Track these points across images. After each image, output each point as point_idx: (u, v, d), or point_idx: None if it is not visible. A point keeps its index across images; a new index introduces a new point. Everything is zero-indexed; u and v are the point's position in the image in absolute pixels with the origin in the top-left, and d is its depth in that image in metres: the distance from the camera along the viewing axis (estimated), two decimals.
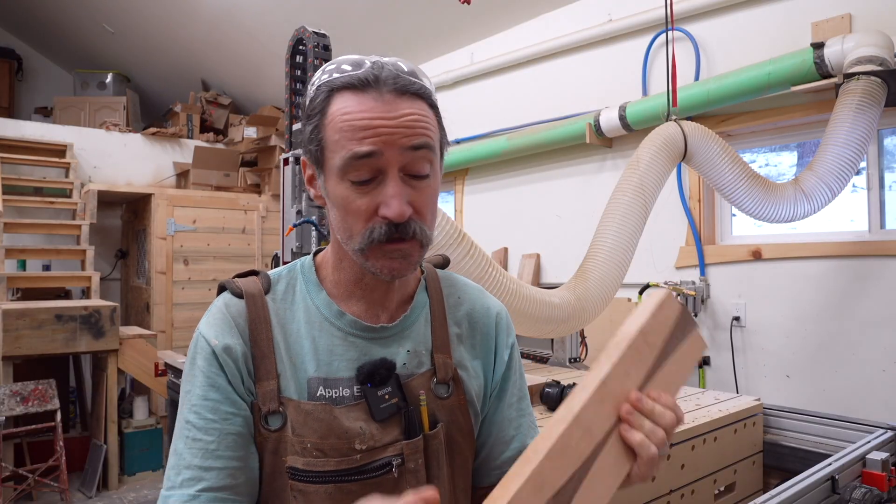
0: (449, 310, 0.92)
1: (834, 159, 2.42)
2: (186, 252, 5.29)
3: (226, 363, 0.80)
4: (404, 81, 0.77)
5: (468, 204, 4.63)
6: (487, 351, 0.94)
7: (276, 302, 0.85)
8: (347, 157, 0.75)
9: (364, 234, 0.77)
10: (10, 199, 4.81)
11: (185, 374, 0.83)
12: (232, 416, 0.79)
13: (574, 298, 2.36)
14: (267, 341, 0.82)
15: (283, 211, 2.79)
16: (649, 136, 2.60)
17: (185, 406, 0.80)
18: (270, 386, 0.80)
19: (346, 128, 0.75)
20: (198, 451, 0.78)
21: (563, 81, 3.96)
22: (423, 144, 0.77)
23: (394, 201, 0.75)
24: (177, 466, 0.78)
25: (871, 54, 2.43)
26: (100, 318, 3.93)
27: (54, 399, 3.82)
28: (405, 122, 0.76)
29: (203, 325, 0.84)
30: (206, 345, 0.81)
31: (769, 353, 3.00)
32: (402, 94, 0.77)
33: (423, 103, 0.79)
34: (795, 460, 2.13)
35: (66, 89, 6.83)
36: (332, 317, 0.85)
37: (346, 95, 0.77)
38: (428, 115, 0.79)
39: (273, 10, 4.80)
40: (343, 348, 0.84)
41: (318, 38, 2.75)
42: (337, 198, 0.79)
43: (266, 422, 0.80)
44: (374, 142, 0.74)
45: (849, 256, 2.74)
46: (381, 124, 0.75)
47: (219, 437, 0.78)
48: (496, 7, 4.10)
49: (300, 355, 0.83)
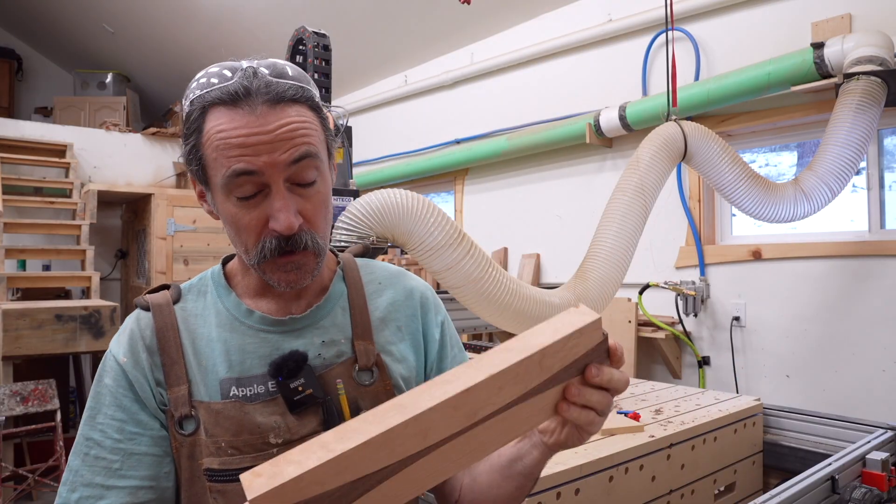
0: (369, 296, 0.92)
1: (834, 159, 2.42)
2: (186, 252, 5.28)
3: (135, 380, 0.80)
4: (278, 88, 0.74)
5: (468, 204, 4.63)
6: (414, 332, 0.93)
7: (185, 310, 0.85)
8: (227, 176, 0.74)
9: (257, 250, 0.77)
10: (10, 199, 4.80)
11: (91, 391, 0.82)
12: (137, 436, 0.79)
13: (574, 298, 2.36)
14: (176, 348, 0.82)
15: None
16: (649, 136, 2.60)
17: (88, 424, 0.79)
18: (181, 391, 0.80)
19: (222, 146, 0.73)
20: (100, 470, 0.77)
21: (563, 81, 3.96)
22: (305, 154, 0.75)
23: (281, 214, 0.74)
24: (72, 483, 0.77)
25: (871, 54, 2.43)
26: (100, 318, 3.93)
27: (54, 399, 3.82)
28: (282, 135, 0.73)
29: (113, 344, 0.84)
30: (115, 363, 0.81)
31: (769, 352, 3.00)
32: (276, 103, 0.74)
33: (301, 107, 0.76)
34: (795, 460, 2.13)
35: (66, 89, 6.83)
36: (241, 316, 0.85)
37: (219, 111, 0.74)
38: (307, 120, 0.76)
39: (273, 10, 4.80)
40: (255, 345, 0.83)
41: (318, 38, 2.75)
42: (226, 215, 0.78)
43: (181, 427, 0.79)
44: (252, 160, 0.72)
45: (849, 256, 2.74)
46: (257, 140, 0.72)
47: (123, 457, 0.77)
48: (496, 7, 4.10)
49: (210, 358, 0.82)
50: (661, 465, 1.76)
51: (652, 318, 3.20)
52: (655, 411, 2.06)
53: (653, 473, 1.74)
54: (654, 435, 1.77)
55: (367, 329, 0.88)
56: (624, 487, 1.64)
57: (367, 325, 0.89)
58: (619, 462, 1.63)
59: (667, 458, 1.78)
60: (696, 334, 3.26)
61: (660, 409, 2.09)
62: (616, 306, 3.28)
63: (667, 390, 2.41)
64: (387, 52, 4.95)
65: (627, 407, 2.10)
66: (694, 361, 3.24)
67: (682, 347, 3.31)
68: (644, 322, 3.28)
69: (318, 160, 0.77)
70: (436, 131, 4.73)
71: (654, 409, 2.09)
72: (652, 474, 1.74)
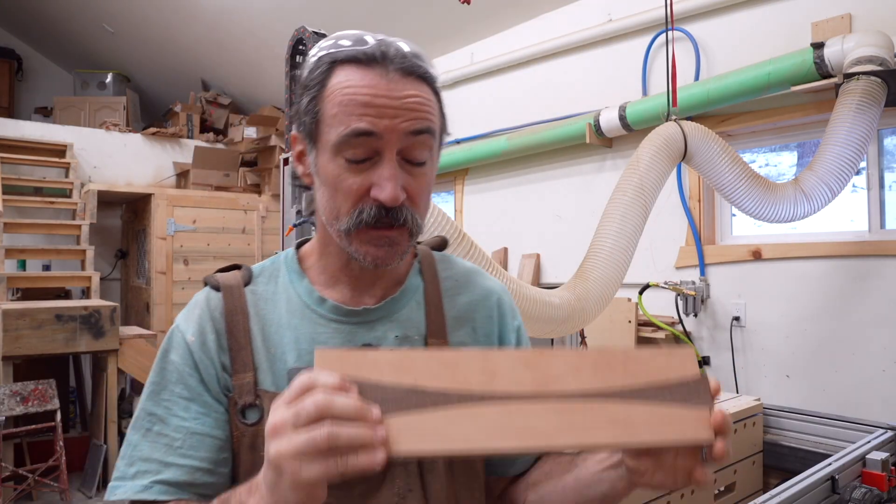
0: (445, 293, 0.88)
1: (834, 159, 2.42)
2: (186, 252, 5.28)
3: (201, 361, 0.78)
4: (412, 62, 0.74)
5: (468, 204, 4.63)
6: (489, 335, 0.89)
7: (256, 294, 0.82)
8: (345, 134, 0.71)
9: (352, 215, 0.74)
10: (10, 199, 4.80)
11: (155, 366, 0.79)
12: (202, 416, 0.76)
13: (574, 298, 2.36)
14: (244, 333, 0.79)
15: (283, 211, 2.79)
16: (649, 136, 2.60)
17: (152, 399, 0.77)
18: (247, 378, 0.77)
19: (347, 102, 0.71)
20: (160, 446, 0.74)
21: (563, 81, 3.96)
22: (425, 129, 0.73)
23: (388, 184, 0.72)
24: (130, 457, 0.75)
25: (871, 54, 2.43)
26: (100, 318, 3.93)
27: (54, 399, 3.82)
28: (409, 104, 0.72)
29: (180, 319, 0.81)
30: (182, 340, 0.79)
31: (769, 352, 3.00)
32: (407, 74, 0.73)
33: (427, 88, 0.75)
34: (795, 460, 2.13)
35: (66, 89, 6.82)
36: (313, 304, 0.81)
37: (349, 69, 0.73)
38: (431, 101, 0.76)
39: (273, 10, 4.80)
40: (326, 335, 0.80)
41: (318, 38, 2.75)
42: (327, 175, 0.75)
43: (243, 416, 0.76)
44: (374, 121, 0.71)
45: (849, 256, 2.74)
46: (385, 103, 0.71)
47: (185, 436, 0.75)
48: (496, 7, 4.10)
49: (280, 346, 0.79)
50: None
51: (652, 318, 3.20)
52: None
53: None
54: None
55: (442, 327, 0.85)
56: None
57: (441, 324, 0.85)
58: None
59: None
60: (696, 334, 3.26)
61: None
62: (616, 306, 3.28)
63: None
64: None
65: None
66: None
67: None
68: (644, 322, 3.28)
69: (434, 141, 0.76)
70: None
71: None
72: None
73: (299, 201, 2.69)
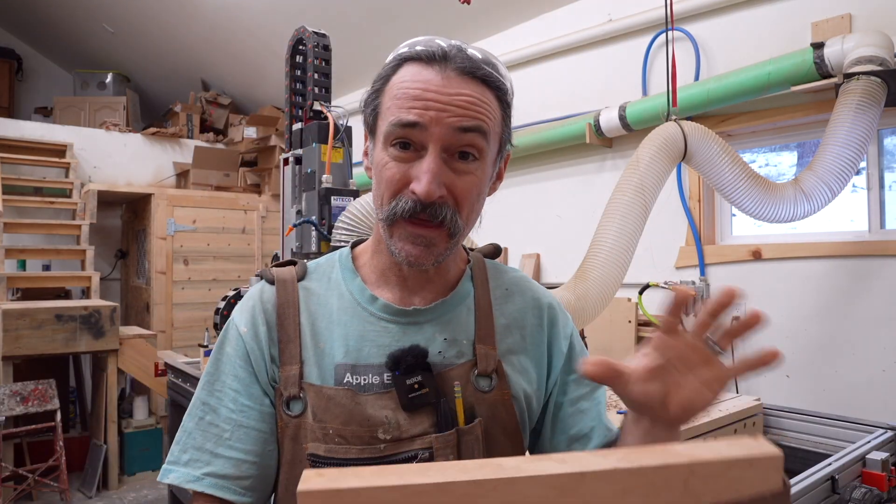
0: (496, 301, 0.88)
1: (834, 159, 2.42)
2: (186, 252, 5.28)
3: (252, 351, 0.80)
4: (472, 64, 0.74)
5: None
6: (539, 344, 0.88)
7: (308, 290, 0.84)
8: (392, 124, 0.73)
9: (391, 206, 0.75)
10: (10, 199, 4.80)
11: (212, 357, 0.83)
12: (248, 409, 0.78)
13: (574, 298, 2.36)
14: (294, 326, 0.81)
15: (283, 211, 2.79)
16: (649, 136, 2.60)
17: (206, 389, 0.80)
18: (293, 371, 0.79)
19: (401, 95, 0.74)
20: (210, 436, 0.78)
21: (563, 81, 3.96)
22: (473, 128, 0.73)
23: (425, 177, 0.72)
24: (184, 444, 0.78)
25: (871, 54, 2.43)
26: (100, 318, 3.93)
27: (54, 399, 3.82)
28: (458, 101, 0.72)
29: (236, 313, 0.84)
30: (236, 332, 0.82)
31: None
32: (465, 73, 0.74)
33: (488, 91, 0.75)
34: (795, 460, 2.13)
35: (66, 89, 6.82)
36: (364, 301, 0.82)
37: (412, 66, 0.75)
38: (489, 103, 0.75)
39: (273, 10, 4.80)
40: (375, 334, 0.80)
41: (318, 38, 2.75)
42: (377, 164, 0.77)
43: (287, 407, 0.78)
44: (420, 113, 0.72)
45: (849, 256, 2.74)
46: (433, 97, 0.72)
47: (234, 428, 0.77)
48: (496, 7, 4.10)
49: (329, 341, 0.80)
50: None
51: (652, 318, 3.20)
52: None
53: None
54: None
55: (491, 333, 0.84)
56: None
57: (490, 330, 0.84)
58: None
59: None
60: None
61: None
62: (616, 306, 3.28)
63: None
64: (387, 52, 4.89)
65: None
66: None
67: None
68: (644, 322, 3.28)
69: (484, 141, 0.75)
70: None
71: None
72: None
73: (299, 201, 2.69)
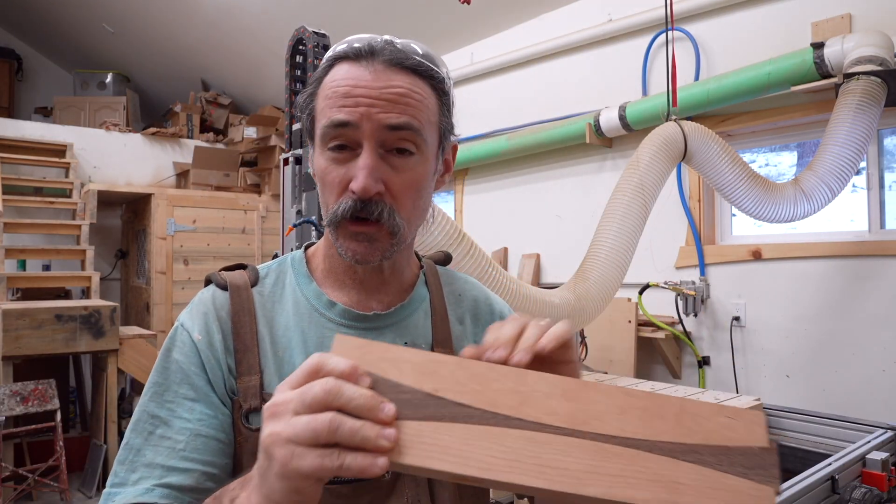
0: (450, 306, 0.88)
1: (834, 159, 2.42)
2: (186, 252, 5.28)
3: (207, 360, 0.74)
4: (400, 55, 0.72)
5: (468, 204, 4.63)
6: None
7: (263, 295, 0.80)
8: (325, 126, 0.72)
9: (334, 209, 0.73)
10: (10, 199, 4.80)
11: (157, 366, 0.75)
12: (208, 419, 0.72)
13: (574, 298, 2.36)
14: (251, 335, 0.76)
15: (283, 211, 2.79)
16: (649, 136, 2.60)
17: (154, 401, 0.73)
18: (252, 381, 0.74)
19: (331, 95, 0.72)
20: (163, 450, 0.70)
21: (563, 81, 3.96)
22: (405, 125, 0.71)
23: (361, 173, 0.70)
24: (131, 463, 0.70)
25: (871, 54, 2.43)
26: (100, 318, 3.93)
27: (54, 399, 3.82)
28: (388, 95, 0.70)
29: (184, 317, 0.78)
30: (188, 338, 0.75)
31: (769, 352, 3.00)
32: (395, 65, 0.71)
33: (420, 81, 0.73)
34: (795, 460, 2.13)
35: (66, 89, 6.83)
36: (322, 307, 0.80)
37: (342, 66, 0.73)
38: (421, 93, 0.73)
39: (273, 9, 4.80)
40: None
41: (318, 38, 2.75)
42: (317, 169, 0.75)
43: (247, 420, 0.73)
44: (351, 111, 0.70)
45: (849, 256, 2.74)
46: (362, 93, 0.70)
47: (189, 438, 0.71)
48: (496, 7, 4.10)
49: (287, 349, 0.77)
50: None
51: (652, 318, 3.20)
52: None
53: None
54: None
55: (448, 338, 0.84)
56: None
57: (447, 334, 0.85)
58: None
59: None
60: (696, 334, 3.26)
61: None
62: (616, 306, 3.28)
63: (667, 390, 2.41)
64: None
65: None
66: (694, 361, 3.24)
67: (682, 347, 3.31)
68: (644, 322, 3.28)
69: (419, 137, 0.72)
70: None
71: None
72: None
73: (299, 201, 2.69)
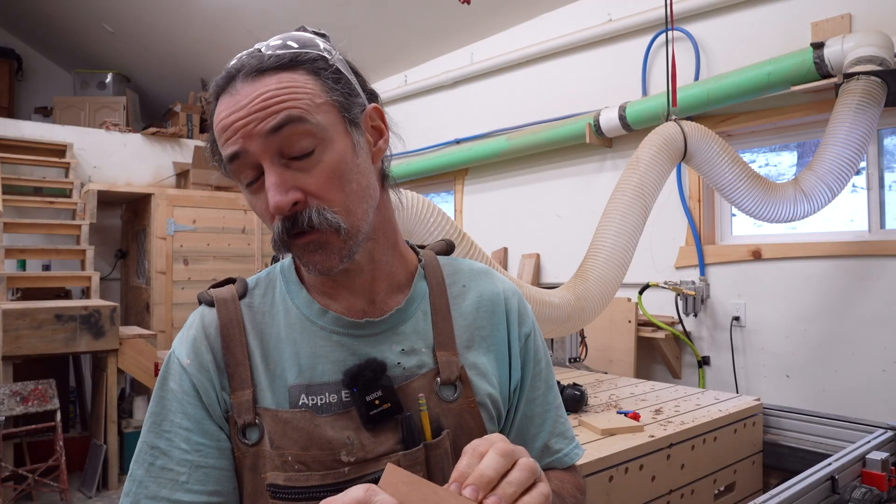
0: (453, 300, 0.83)
1: (834, 159, 2.42)
2: (186, 252, 5.28)
3: (200, 384, 0.73)
4: (255, 62, 0.68)
5: (468, 204, 4.63)
6: (500, 342, 0.84)
7: (252, 307, 0.78)
8: (226, 165, 0.70)
9: (274, 236, 0.72)
10: (10, 199, 4.80)
11: (155, 394, 0.75)
12: (204, 448, 0.72)
13: (574, 298, 2.36)
14: (241, 348, 0.75)
15: None
16: (649, 136, 2.60)
17: (153, 431, 0.72)
18: (245, 396, 0.72)
19: (219, 134, 0.70)
20: (166, 482, 0.70)
21: (563, 81, 3.96)
22: (285, 120, 0.67)
23: (269, 193, 0.67)
24: (135, 495, 0.71)
25: (871, 54, 2.43)
26: (100, 317, 3.93)
27: (54, 399, 3.82)
28: (255, 107, 0.67)
29: (176, 343, 0.77)
30: (179, 365, 0.75)
31: (769, 352, 3.00)
32: (257, 75, 0.68)
33: (288, 73, 0.69)
34: (795, 460, 2.14)
35: (66, 89, 6.83)
36: (313, 316, 0.77)
37: (221, 100, 0.70)
38: (294, 84, 0.69)
39: (273, 10, 4.80)
40: (328, 349, 0.75)
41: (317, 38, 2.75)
42: (250, 206, 0.74)
43: (243, 435, 0.72)
44: (235, 140, 0.68)
45: (849, 256, 2.75)
46: (234, 119, 0.68)
47: (190, 469, 0.71)
48: (496, 7, 4.10)
49: (279, 362, 0.74)
50: (660, 465, 1.76)
51: (652, 318, 3.20)
52: (655, 411, 2.06)
53: (653, 473, 1.74)
54: (654, 435, 1.77)
55: (451, 338, 0.79)
56: (624, 487, 1.64)
57: (450, 334, 0.80)
58: (618, 462, 1.63)
59: (667, 458, 1.78)
60: (696, 334, 3.26)
61: (660, 409, 2.09)
62: (616, 306, 3.28)
63: (666, 390, 2.41)
64: (387, 52, 4.94)
65: (627, 407, 2.10)
66: (694, 361, 3.24)
67: (682, 347, 3.31)
68: (644, 322, 3.28)
69: (309, 125, 0.68)
70: (436, 131, 4.73)
71: (653, 409, 2.09)
72: (652, 474, 1.74)
73: None
